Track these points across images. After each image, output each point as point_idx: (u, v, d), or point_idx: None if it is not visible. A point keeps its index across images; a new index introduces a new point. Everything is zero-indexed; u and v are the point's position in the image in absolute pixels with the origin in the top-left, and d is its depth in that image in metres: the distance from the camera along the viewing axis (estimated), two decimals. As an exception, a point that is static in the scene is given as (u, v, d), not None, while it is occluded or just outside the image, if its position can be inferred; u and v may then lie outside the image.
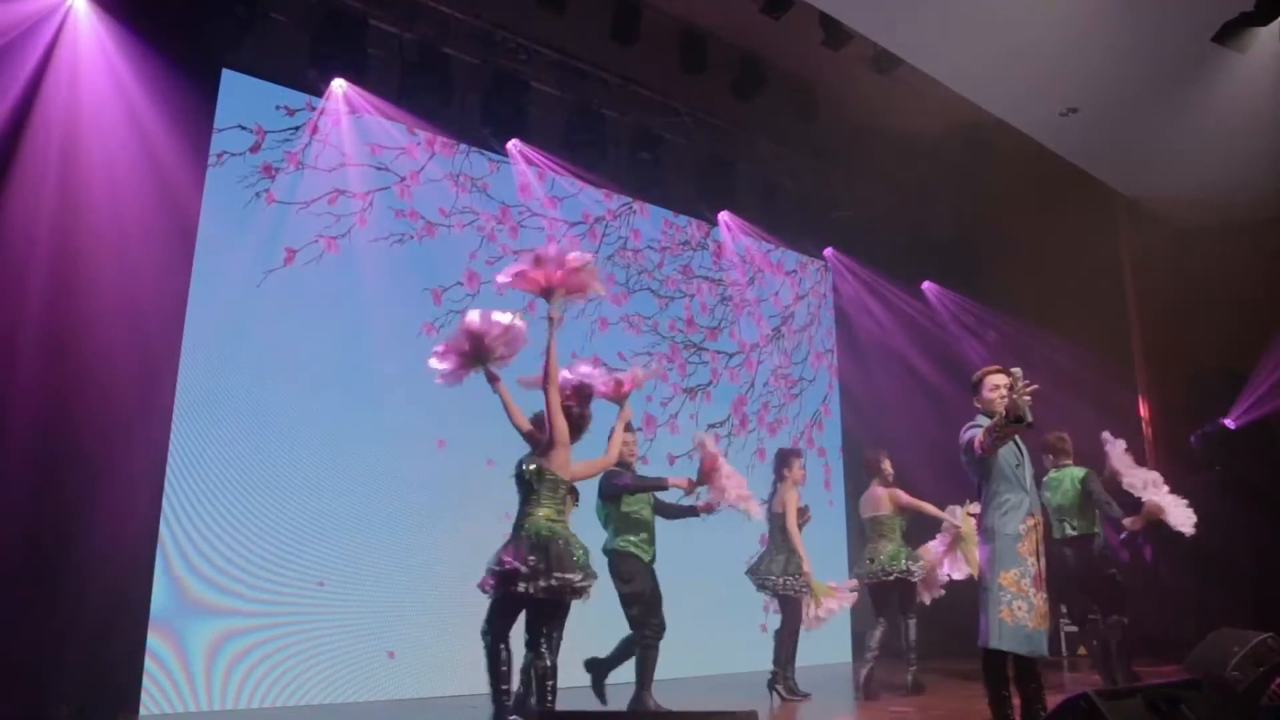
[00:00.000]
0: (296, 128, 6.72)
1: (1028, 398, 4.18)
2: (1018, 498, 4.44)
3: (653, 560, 5.69)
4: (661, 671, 5.66)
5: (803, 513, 6.65)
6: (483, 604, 4.54)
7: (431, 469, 6.91)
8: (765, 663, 6.69)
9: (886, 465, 7.08)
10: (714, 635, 7.76)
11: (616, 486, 5.63)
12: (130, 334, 5.54)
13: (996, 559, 4.40)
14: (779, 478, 6.80)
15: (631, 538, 5.64)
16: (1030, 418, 4.22)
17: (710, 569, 7.51)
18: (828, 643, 7.39)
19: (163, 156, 5.82)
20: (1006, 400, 4.24)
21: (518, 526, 4.45)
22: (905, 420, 9.28)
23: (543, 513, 4.42)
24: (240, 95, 6.49)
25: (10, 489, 5.00)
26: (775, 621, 6.99)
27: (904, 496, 6.95)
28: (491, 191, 7.72)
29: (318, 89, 6.76)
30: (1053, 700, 4.15)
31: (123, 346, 5.48)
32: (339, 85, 6.79)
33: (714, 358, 9.15)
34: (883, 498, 6.97)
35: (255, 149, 6.53)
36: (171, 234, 5.89)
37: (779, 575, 6.52)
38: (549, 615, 4.37)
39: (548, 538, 4.34)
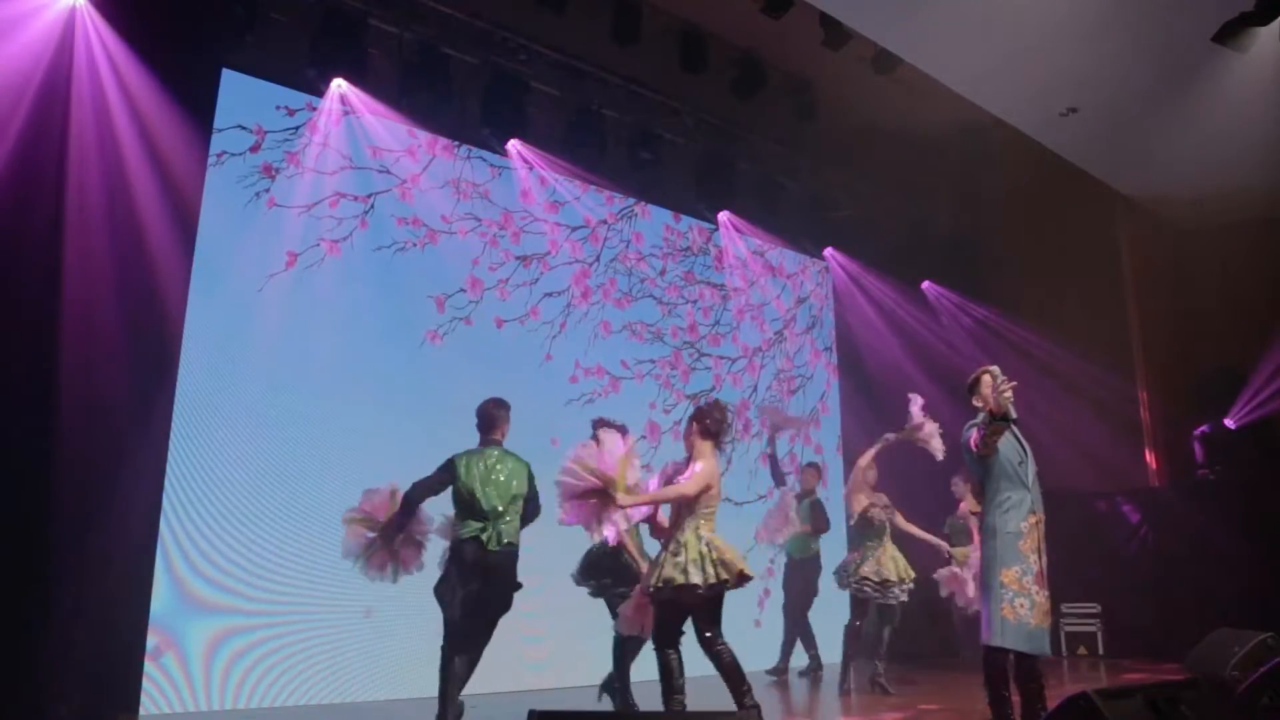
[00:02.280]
0: (296, 128, 6.72)
1: (1009, 394, 4.28)
2: (1019, 495, 4.46)
3: None
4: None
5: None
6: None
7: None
8: (762, 661, 6.68)
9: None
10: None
11: None
12: (131, 334, 5.52)
13: (998, 556, 4.41)
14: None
15: None
16: (1015, 414, 4.33)
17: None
18: (826, 643, 7.36)
19: (163, 156, 5.81)
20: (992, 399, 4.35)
21: None
22: (903, 419, 9.26)
23: None
24: (240, 95, 6.48)
25: (11, 489, 5.00)
26: (771, 620, 6.97)
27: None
28: (493, 197, 7.71)
29: (317, 89, 6.76)
30: (1053, 699, 4.15)
31: (123, 346, 5.46)
32: (338, 85, 6.78)
33: (716, 363, 9.15)
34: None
35: (255, 149, 6.53)
36: (172, 234, 5.86)
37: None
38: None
39: None
